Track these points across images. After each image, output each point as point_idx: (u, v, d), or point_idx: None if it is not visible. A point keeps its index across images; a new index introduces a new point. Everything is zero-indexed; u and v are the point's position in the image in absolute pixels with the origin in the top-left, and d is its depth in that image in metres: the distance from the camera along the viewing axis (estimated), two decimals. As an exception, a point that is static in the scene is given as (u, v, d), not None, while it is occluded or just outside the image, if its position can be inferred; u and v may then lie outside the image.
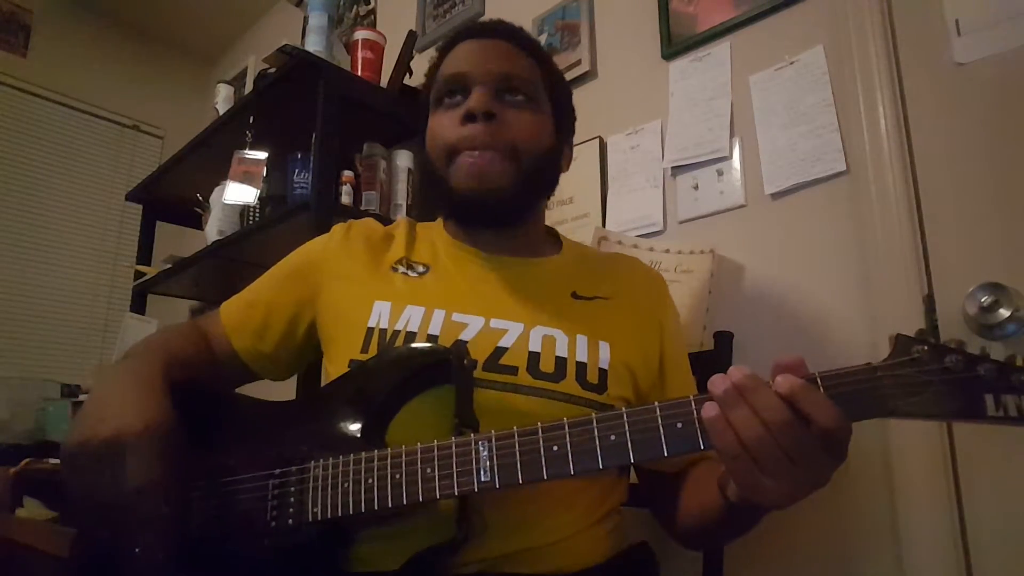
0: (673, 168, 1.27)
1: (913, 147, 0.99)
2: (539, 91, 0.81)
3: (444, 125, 0.78)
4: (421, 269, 0.80)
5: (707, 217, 1.21)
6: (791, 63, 1.14)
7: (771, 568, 1.00)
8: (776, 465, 0.48)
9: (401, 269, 0.80)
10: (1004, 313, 0.82)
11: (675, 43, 1.32)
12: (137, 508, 0.60)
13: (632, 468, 0.83)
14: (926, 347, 0.48)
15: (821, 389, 0.49)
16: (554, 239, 0.91)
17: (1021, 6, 0.91)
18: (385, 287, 0.77)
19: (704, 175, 1.23)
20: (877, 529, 0.92)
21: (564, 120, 0.86)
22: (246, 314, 0.84)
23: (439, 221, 0.88)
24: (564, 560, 0.66)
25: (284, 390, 0.90)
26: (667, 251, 1.17)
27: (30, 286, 2.56)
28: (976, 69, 0.94)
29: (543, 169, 0.80)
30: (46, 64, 2.71)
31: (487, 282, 0.78)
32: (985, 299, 0.83)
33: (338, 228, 0.87)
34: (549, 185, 0.84)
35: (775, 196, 1.12)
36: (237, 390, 0.83)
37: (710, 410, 0.49)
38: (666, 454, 0.51)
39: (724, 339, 1.00)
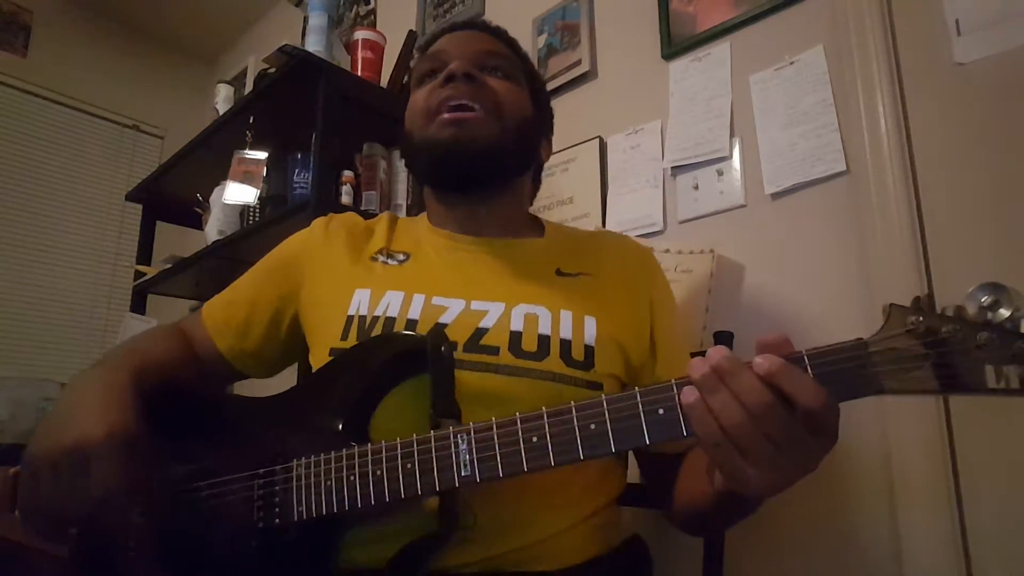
0: (673, 168, 1.27)
1: (913, 147, 0.99)
2: (517, 72, 0.82)
3: (424, 93, 0.78)
4: (401, 257, 0.80)
5: (707, 217, 1.21)
6: (791, 63, 1.14)
7: (771, 562, 1.00)
8: (759, 452, 0.45)
9: (381, 258, 0.80)
10: (1004, 313, 0.81)
11: (675, 43, 1.32)
12: (103, 518, 0.59)
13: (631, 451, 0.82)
14: (921, 317, 0.44)
15: (808, 368, 0.46)
16: (537, 225, 0.90)
17: (1021, 6, 0.91)
18: (365, 276, 0.77)
19: (704, 175, 1.23)
20: (877, 526, 0.92)
21: (541, 106, 0.87)
22: (228, 313, 0.83)
23: (423, 215, 0.88)
24: (558, 558, 0.65)
25: (284, 384, 0.90)
26: (667, 251, 1.17)
27: (30, 286, 2.56)
28: (976, 69, 0.94)
29: (525, 134, 0.80)
30: (46, 64, 2.71)
31: (468, 264, 0.78)
32: (985, 299, 0.83)
33: (318, 222, 0.87)
34: (529, 155, 0.84)
35: (775, 196, 1.12)
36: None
37: (689, 395, 0.47)
38: (648, 442, 0.49)
39: (724, 339, 1.00)
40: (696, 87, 1.27)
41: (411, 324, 0.69)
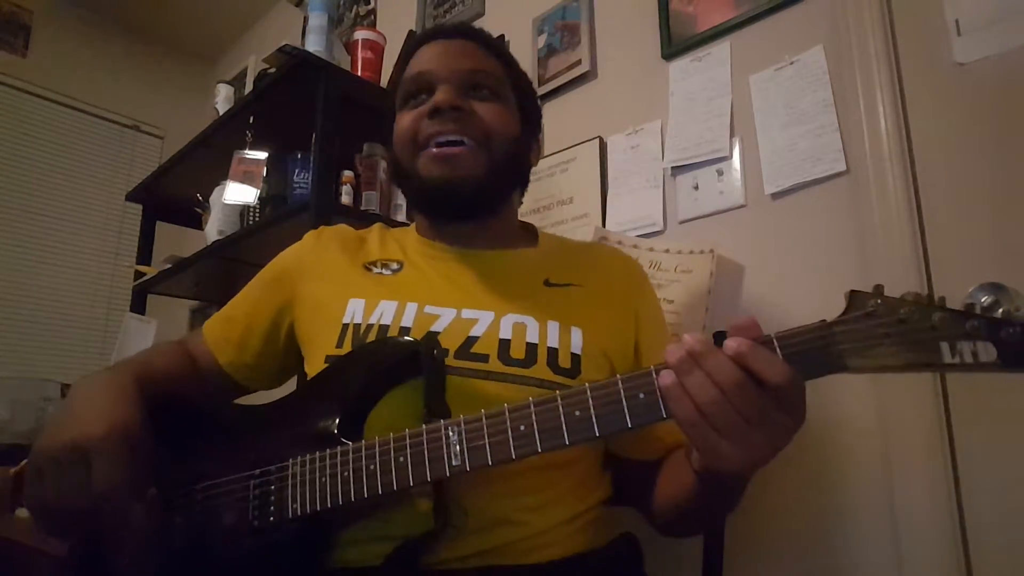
0: (673, 168, 1.27)
1: (913, 147, 0.99)
2: (504, 87, 0.83)
3: (410, 122, 0.79)
4: (395, 267, 0.82)
5: (707, 217, 1.21)
6: (791, 63, 1.14)
7: (770, 560, 1.00)
8: (733, 428, 0.49)
9: (375, 269, 0.82)
10: (1004, 313, 0.82)
11: (675, 43, 1.32)
12: (104, 514, 0.60)
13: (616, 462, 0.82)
14: (880, 300, 0.49)
15: (777, 349, 0.49)
16: (531, 234, 0.91)
17: (1021, 6, 0.91)
18: (359, 285, 0.79)
19: (704, 175, 1.23)
20: (875, 520, 0.92)
21: (530, 115, 0.88)
22: (227, 328, 0.86)
23: (412, 227, 0.90)
24: (546, 551, 0.66)
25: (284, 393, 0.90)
26: (667, 251, 1.17)
27: (30, 286, 2.56)
28: (976, 69, 0.94)
29: (513, 158, 0.81)
30: (46, 64, 2.71)
31: (459, 274, 0.80)
32: (985, 299, 0.83)
33: (310, 235, 0.90)
34: (519, 176, 0.86)
35: (775, 196, 1.12)
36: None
37: (666, 378, 0.50)
38: (630, 425, 0.52)
39: (724, 339, 1.00)
40: (696, 87, 1.27)
41: (404, 331, 0.71)
